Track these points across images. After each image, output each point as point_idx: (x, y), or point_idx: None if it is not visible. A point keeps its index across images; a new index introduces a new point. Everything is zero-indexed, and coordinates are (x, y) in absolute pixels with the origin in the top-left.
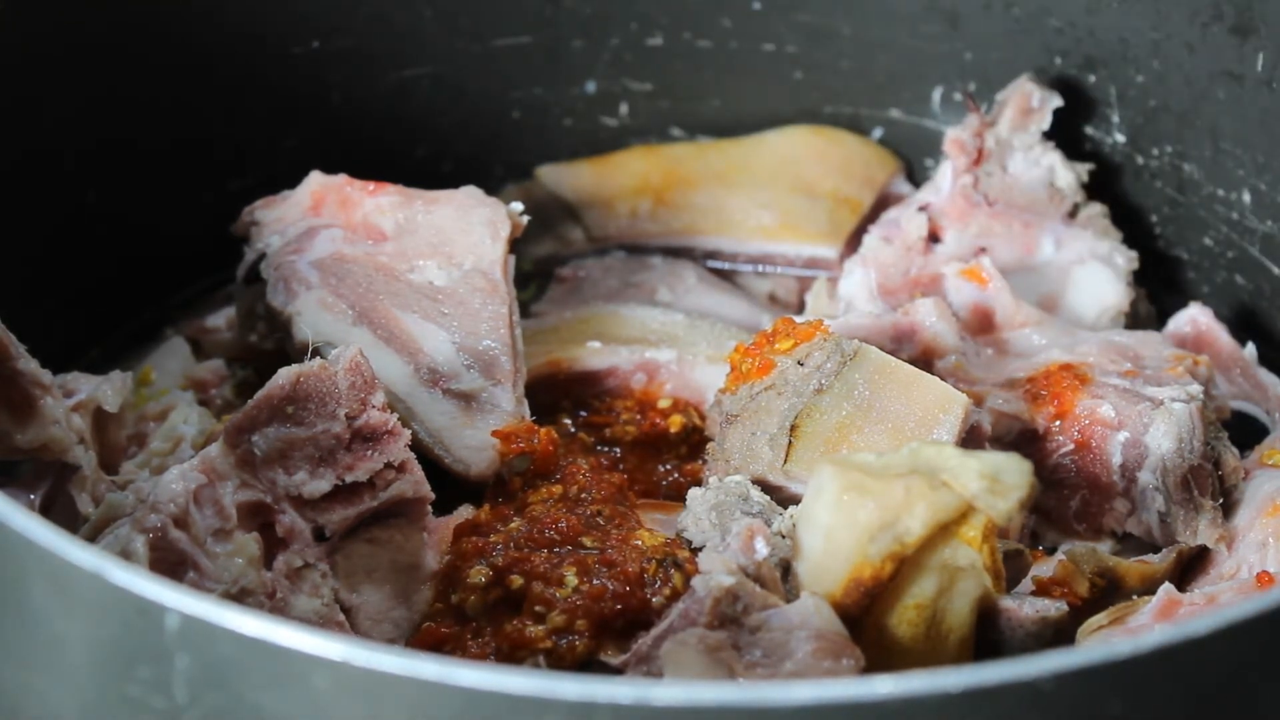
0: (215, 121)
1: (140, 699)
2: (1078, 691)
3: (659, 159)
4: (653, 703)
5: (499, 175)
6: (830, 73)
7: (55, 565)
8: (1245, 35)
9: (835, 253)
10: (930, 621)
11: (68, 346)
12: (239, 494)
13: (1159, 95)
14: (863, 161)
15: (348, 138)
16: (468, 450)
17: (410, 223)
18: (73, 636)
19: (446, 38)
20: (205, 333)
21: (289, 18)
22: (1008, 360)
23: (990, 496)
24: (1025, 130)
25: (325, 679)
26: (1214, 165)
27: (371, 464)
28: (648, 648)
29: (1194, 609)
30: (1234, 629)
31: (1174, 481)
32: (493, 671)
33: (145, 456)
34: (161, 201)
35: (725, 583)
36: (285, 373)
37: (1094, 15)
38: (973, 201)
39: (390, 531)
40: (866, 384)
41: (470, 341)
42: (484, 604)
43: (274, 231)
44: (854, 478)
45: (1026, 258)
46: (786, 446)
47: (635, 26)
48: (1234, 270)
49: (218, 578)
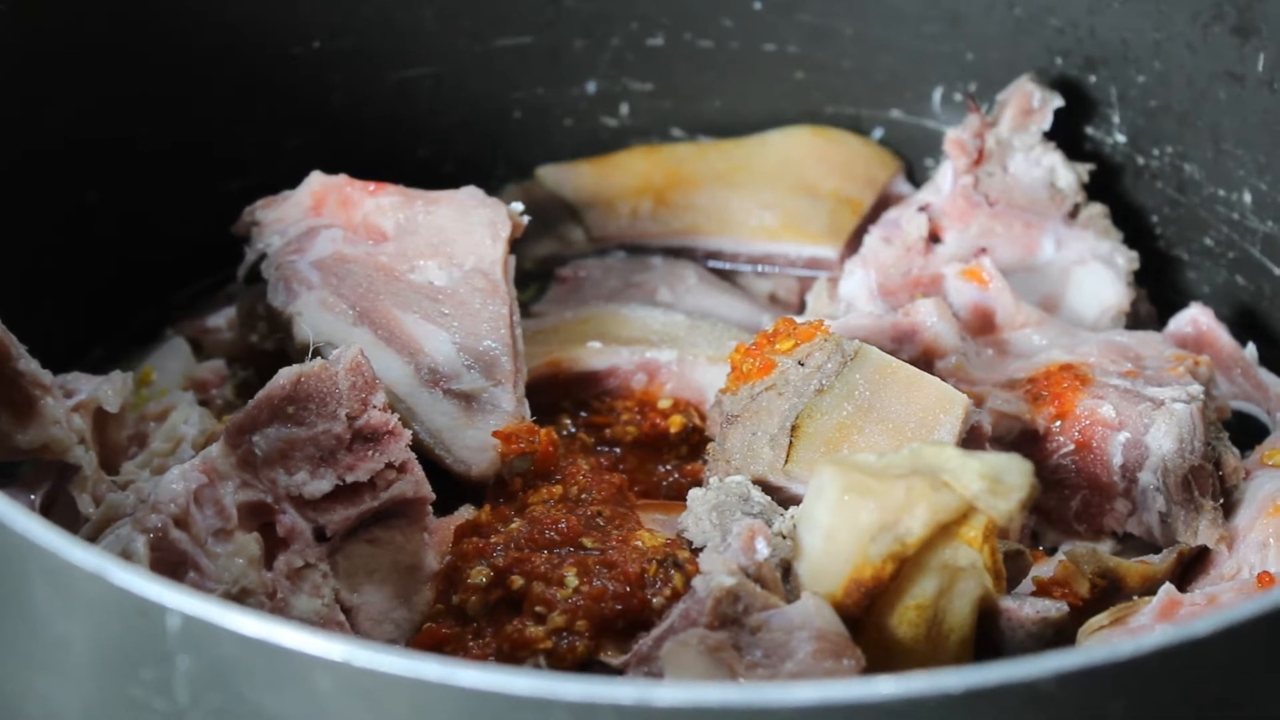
0: (216, 121)
1: (142, 700)
2: (1078, 692)
3: (660, 159)
4: (654, 703)
5: (499, 175)
6: (831, 73)
7: (56, 566)
8: (1246, 36)
9: (836, 253)
10: (931, 622)
11: (68, 346)
12: (240, 494)
13: (1160, 95)
14: (863, 162)
15: (348, 138)
16: (468, 451)
17: (411, 223)
18: (74, 637)
19: (447, 38)
20: (206, 333)
21: (289, 18)
22: (1008, 360)
23: (991, 497)
24: (1026, 130)
25: (326, 679)
26: (1215, 165)
27: (372, 464)
28: (648, 648)
29: (1195, 609)
30: (1235, 629)
31: (1175, 482)
32: (493, 672)
33: (146, 457)
34: (162, 201)
35: (726, 583)
36: (286, 373)
37: (1095, 15)
38: (973, 202)
39: (391, 532)
40: (867, 384)
41: (471, 342)
42: (485, 604)
43: (275, 232)
44: (855, 478)
45: (1027, 258)
46: (787, 447)
47: (636, 26)
48: (1234, 270)
49: (218, 578)
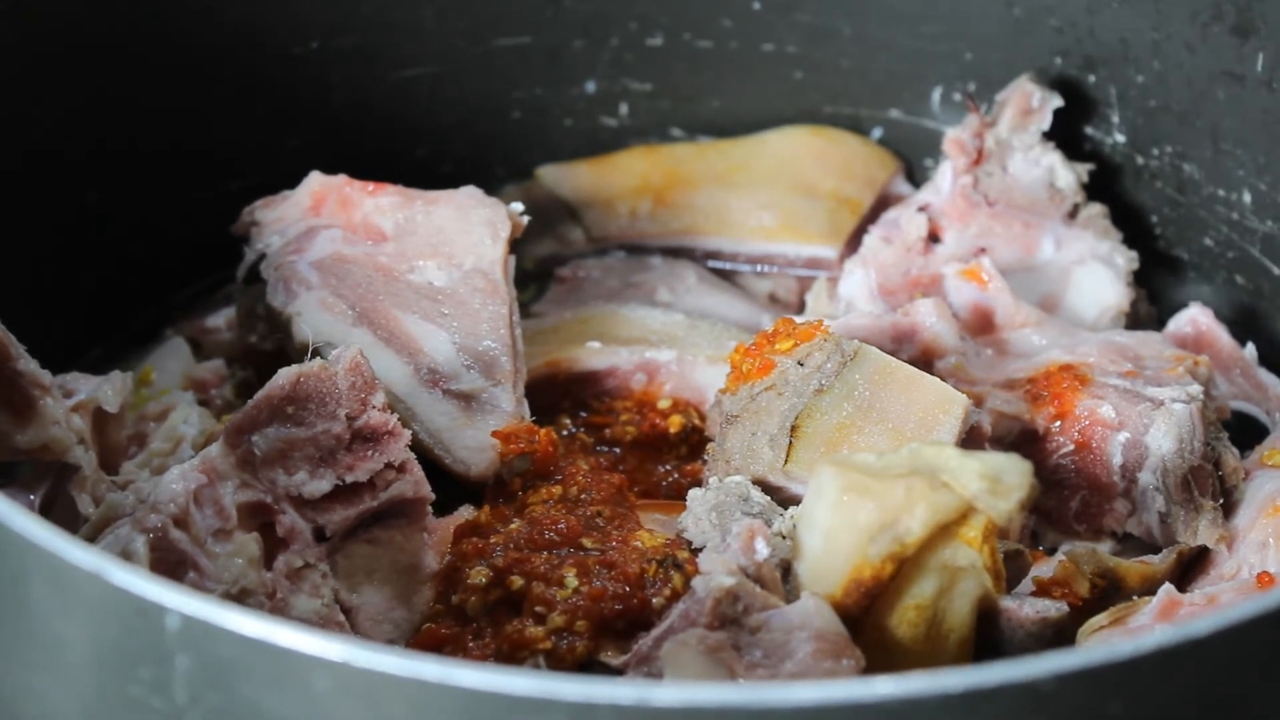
0: (215, 121)
1: (141, 699)
2: (1078, 692)
3: (659, 159)
4: (653, 704)
5: (499, 175)
6: (830, 73)
7: (55, 566)
8: (1245, 35)
9: (835, 253)
10: (930, 622)
11: (68, 346)
12: (239, 494)
13: (1159, 95)
14: (863, 162)
15: (348, 138)
16: (468, 451)
17: (410, 223)
18: (73, 637)
19: (446, 38)
20: (205, 333)
21: (289, 18)
22: (1008, 361)
23: (990, 497)
24: (1025, 130)
25: (326, 680)
26: (1214, 165)
27: (372, 464)
28: (648, 648)
29: (1194, 610)
30: (1234, 630)
31: (1174, 482)
32: (493, 672)
33: (145, 457)
34: (162, 202)
35: (725, 583)
36: (285, 373)
37: (1094, 15)
38: (973, 202)
39: (390, 532)
40: (867, 384)
41: (470, 342)
42: (484, 605)
43: (274, 232)
44: (854, 478)
45: (1026, 258)
46: (787, 447)
47: (635, 26)
48: (1234, 270)
49: (218, 578)
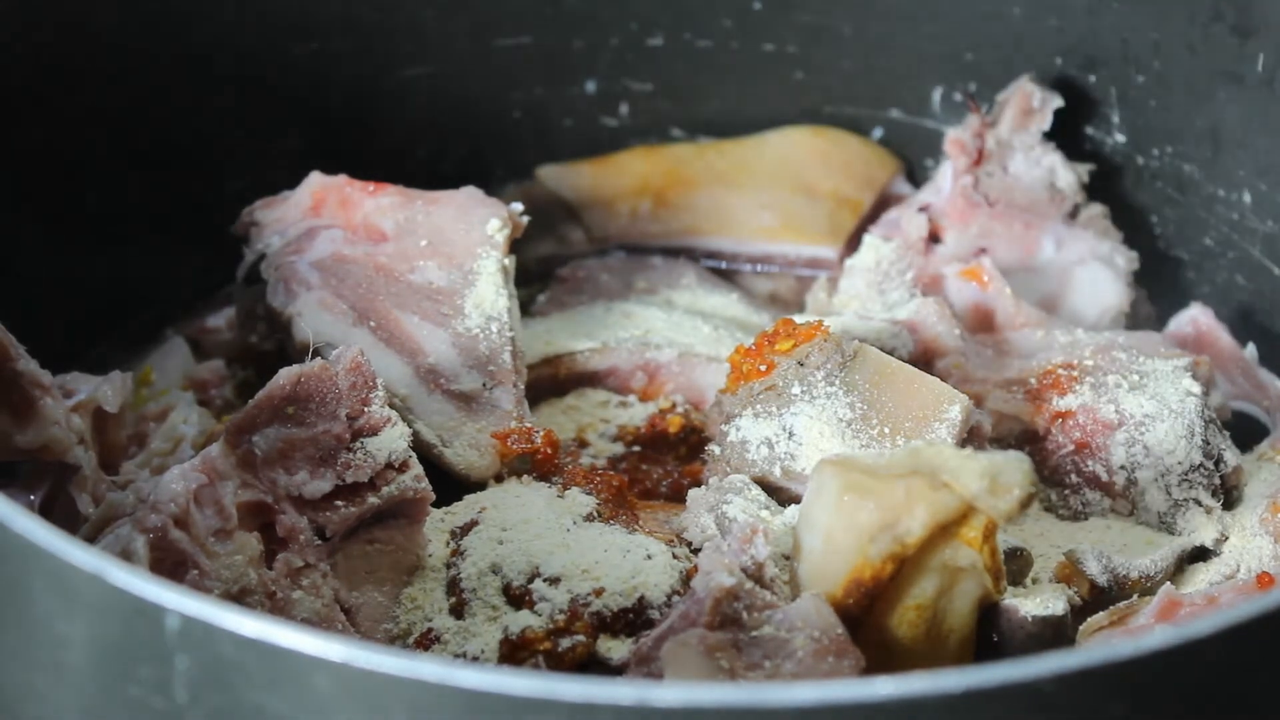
0: (215, 121)
1: (141, 699)
2: (1078, 692)
3: (659, 159)
4: (653, 704)
5: (499, 175)
6: (830, 73)
7: (55, 566)
8: (1246, 36)
9: (835, 253)
10: (931, 622)
11: (68, 347)
12: (240, 494)
13: (1159, 95)
14: (863, 162)
15: (348, 138)
16: (468, 450)
17: (410, 223)
18: (73, 637)
19: (446, 38)
20: (205, 333)
21: (289, 18)
22: (1008, 361)
23: (990, 497)
24: (1026, 130)
25: (326, 680)
26: (1214, 165)
27: (372, 464)
28: (648, 648)
29: (1194, 609)
30: (1234, 629)
31: (1174, 481)
32: (493, 672)
33: (145, 456)
34: (161, 202)
35: (725, 583)
36: (286, 373)
37: (1095, 15)
38: (973, 202)
39: (391, 532)
40: (867, 384)
41: (470, 342)
42: None
43: (274, 232)
44: (854, 478)
45: (1027, 258)
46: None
47: (635, 26)
48: (1234, 270)
49: (218, 578)
